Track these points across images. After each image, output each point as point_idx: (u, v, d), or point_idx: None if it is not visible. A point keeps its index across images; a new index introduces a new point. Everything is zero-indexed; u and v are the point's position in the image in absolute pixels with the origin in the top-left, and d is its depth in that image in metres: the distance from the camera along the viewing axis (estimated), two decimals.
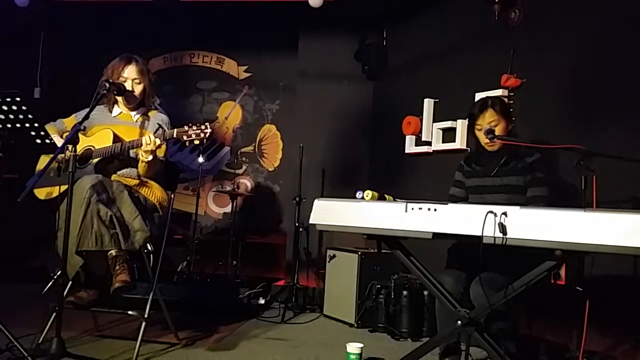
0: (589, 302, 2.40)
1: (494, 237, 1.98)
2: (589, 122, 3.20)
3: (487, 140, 2.78)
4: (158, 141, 2.73)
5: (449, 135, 4.26)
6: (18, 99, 2.47)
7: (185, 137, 2.73)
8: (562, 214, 1.88)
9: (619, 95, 3.09)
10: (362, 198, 2.41)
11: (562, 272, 2.72)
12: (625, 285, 2.86)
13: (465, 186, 3.00)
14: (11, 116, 2.53)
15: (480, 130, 2.84)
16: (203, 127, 2.72)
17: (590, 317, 2.40)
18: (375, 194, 2.45)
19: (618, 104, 3.08)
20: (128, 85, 3.00)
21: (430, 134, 4.39)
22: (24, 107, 2.49)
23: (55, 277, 4.11)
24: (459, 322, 2.28)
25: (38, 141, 2.63)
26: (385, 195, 2.52)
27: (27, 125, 2.56)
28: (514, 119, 2.96)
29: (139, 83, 3.07)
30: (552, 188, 2.79)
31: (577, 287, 2.45)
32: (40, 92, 5.29)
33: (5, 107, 2.49)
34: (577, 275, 2.47)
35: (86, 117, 2.61)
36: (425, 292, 3.71)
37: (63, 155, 2.76)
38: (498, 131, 2.79)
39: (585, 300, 2.41)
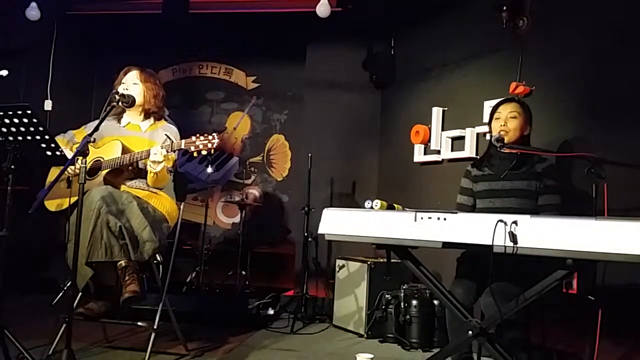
0: (601, 311, 2.37)
1: (505, 246, 1.96)
2: (599, 130, 3.18)
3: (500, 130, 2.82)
4: (165, 152, 2.74)
5: (458, 143, 4.25)
6: (29, 111, 2.49)
7: (192, 148, 2.74)
8: (573, 223, 1.86)
9: (629, 102, 3.06)
10: (371, 207, 2.41)
11: (574, 281, 2.70)
12: (638, 294, 2.83)
13: (473, 192, 2.98)
14: (22, 128, 2.54)
15: (498, 119, 2.88)
16: (210, 137, 2.74)
17: (603, 326, 2.38)
18: (384, 203, 2.44)
19: (629, 111, 3.05)
20: (125, 87, 3.03)
21: (439, 142, 4.38)
22: (34, 120, 2.51)
23: (65, 288, 4.13)
24: (470, 332, 2.26)
25: (49, 153, 2.64)
26: (395, 205, 2.51)
27: (38, 137, 2.58)
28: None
29: (136, 85, 3.08)
30: (563, 196, 2.77)
31: (589, 297, 2.43)
32: (51, 105, 5.34)
33: (16, 120, 2.51)
34: (589, 284, 2.44)
35: (96, 128, 2.58)
36: (436, 302, 3.68)
37: (73, 167, 2.78)
38: (514, 124, 2.84)
39: (597, 310, 2.38)
